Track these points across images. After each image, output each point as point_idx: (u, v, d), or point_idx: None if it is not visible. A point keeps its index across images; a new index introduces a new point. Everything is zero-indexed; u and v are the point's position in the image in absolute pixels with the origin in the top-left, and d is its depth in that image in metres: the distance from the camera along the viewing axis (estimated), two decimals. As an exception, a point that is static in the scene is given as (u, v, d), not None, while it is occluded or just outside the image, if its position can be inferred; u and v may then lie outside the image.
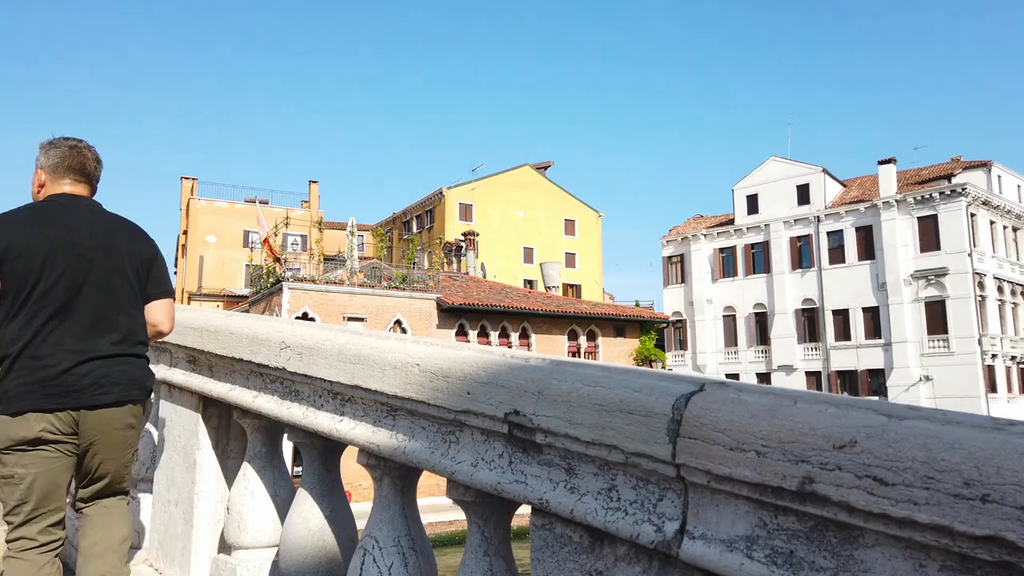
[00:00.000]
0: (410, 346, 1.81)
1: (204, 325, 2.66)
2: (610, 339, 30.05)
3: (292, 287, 24.65)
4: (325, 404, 2.09)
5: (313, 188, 49.57)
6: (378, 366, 1.85)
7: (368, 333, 2.01)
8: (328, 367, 2.02)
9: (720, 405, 1.16)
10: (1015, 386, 40.10)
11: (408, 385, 1.74)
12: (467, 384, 1.59)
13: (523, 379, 1.47)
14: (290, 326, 2.28)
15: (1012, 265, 42.57)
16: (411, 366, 1.75)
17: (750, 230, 47.27)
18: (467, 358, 1.63)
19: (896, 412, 1.01)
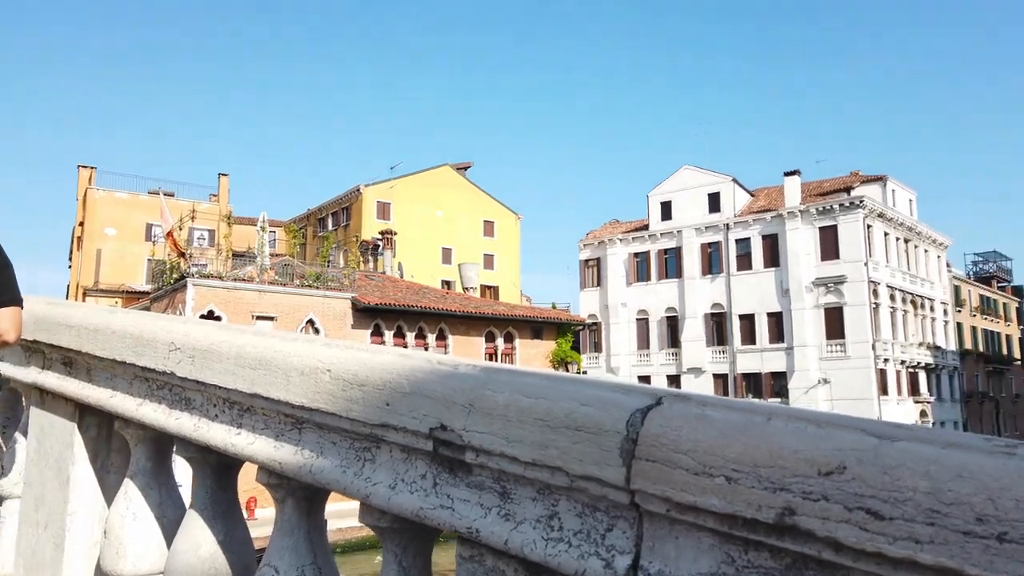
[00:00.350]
0: (320, 349, 1.59)
1: (82, 323, 2.34)
2: (527, 341, 30.12)
3: (197, 284, 23.53)
4: (220, 414, 1.84)
5: (223, 181, 47.68)
6: (282, 372, 1.62)
7: (273, 334, 1.78)
8: (224, 372, 1.77)
9: (683, 422, 1.00)
10: (904, 389, 42.64)
11: (317, 394, 1.52)
12: (386, 394, 1.39)
13: (452, 389, 1.28)
14: (182, 325, 2.01)
15: (903, 275, 45.28)
16: (321, 372, 1.53)
17: (663, 236, 48.50)
18: (386, 364, 1.43)
19: (886, 432, 0.88)
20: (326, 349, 1.59)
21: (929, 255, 49.70)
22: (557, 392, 1.16)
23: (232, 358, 1.76)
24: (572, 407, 1.12)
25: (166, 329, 2.02)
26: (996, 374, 56.19)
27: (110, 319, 2.24)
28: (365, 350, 1.53)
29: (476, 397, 1.24)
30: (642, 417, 1.04)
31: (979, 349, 54.22)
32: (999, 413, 55.11)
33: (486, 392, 1.24)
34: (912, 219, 47.81)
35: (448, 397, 1.28)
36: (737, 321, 44.74)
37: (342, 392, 1.47)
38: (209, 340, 1.86)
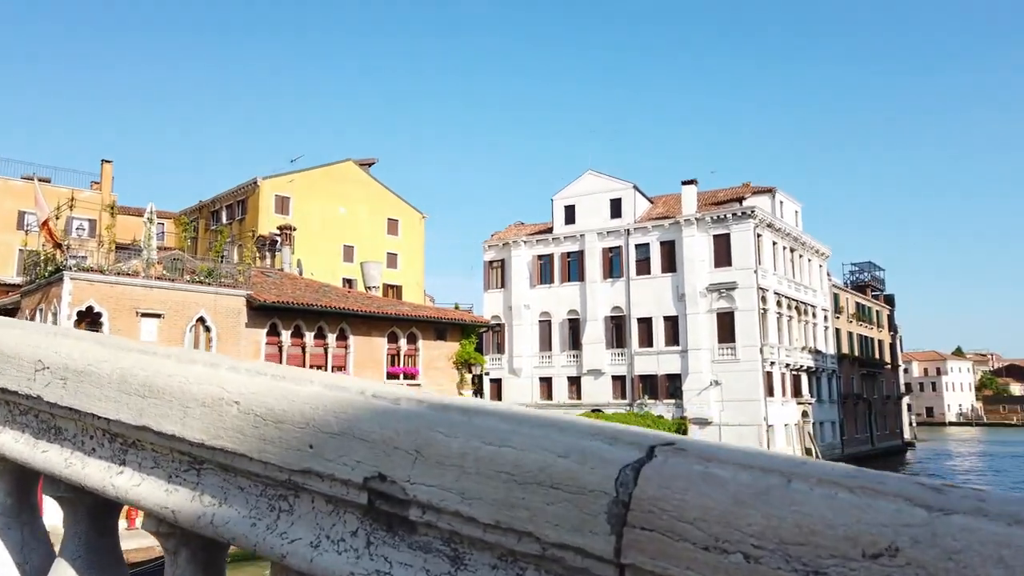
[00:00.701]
0: (226, 375, 1.34)
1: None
2: (431, 342, 29.75)
3: (75, 277, 21.86)
4: (99, 448, 1.55)
5: (106, 168, 44.70)
6: (178, 402, 1.36)
7: (167, 353, 1.50)
8: (105, 400, 1.48)
9: (686, 483, 0.84)
10: (788, 390, 44.97)
11: (222, 430, 1.28)
12: (309, 434, 1.16)
13: (393, 431, 1.08)
14: (52, 338, 1.69)
15: (789, 282, 47.77)
16: (227, 404, 1.28)
17: (567, 239, 49.17)
18: (311, 397, 1.20)
19: (936, 502, 0.74)
20: (233, 375, 1.34)
21: (812, 264, 52.67)
22: (526, 439, 0.97)
23: (115, 382, 1.48)
24: (546, 459, 0.93)
25: (32, 343, 1.70)
26: (869, 376, 60.24)
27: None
28: (283, 377, 1.30)
29: (424, 442, 1.04)
30: (634, 475, 0.87)
31: (855, 353, 57.96)
32: (871, 413, 59.10)
33: (436, 436, 1.04)
34: (798, 230, 50.54)
35: (389, 441, 1.07)
36: (636, 324, 45.90)
37: (254, 429, 1.23)
38: (86, 359, 1.57)
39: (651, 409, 42.92)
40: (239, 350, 24.76)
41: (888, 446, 61.24)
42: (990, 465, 55.94)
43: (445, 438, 1.03)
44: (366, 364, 27.91)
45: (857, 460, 51.81)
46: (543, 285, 49.60)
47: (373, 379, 23.17)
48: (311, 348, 26.72)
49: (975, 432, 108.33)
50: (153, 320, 23.07)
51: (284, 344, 26.15)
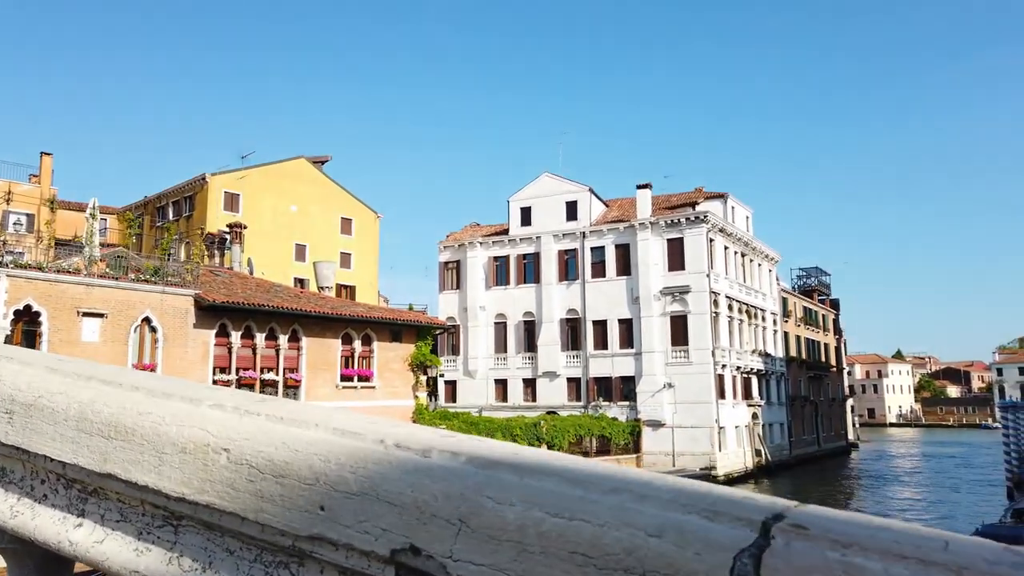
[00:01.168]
0: (211, 413, 1.13)
1: None
2: (386, 344, 29.31)
3: (12, 274, 20.85)
4: (52, 495, 1.32)
5: (45, 161, 42.93)
6: (152, 446, 1.14)
7: (137, 384, 1.28)
8: (60, 439, 1.26)
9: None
10: (739, 393, 45.71)
11: (208, 483, 1.07)
12: (320, 492, 0.97)
13: (429, 493, 0.89)
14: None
15: (740, 286, 48.58)
16: (214, 452, 1.08)
17: (523, 241, 49.12)
18: (319, 445, 1.01)
19: None
20: (219, 414, 1.13)
21: (762, 269, 53.69)
22: (604, 510, 0.80)
23: (72, 419, 1.25)
24: (633, 539, 0.76)
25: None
26: (816, 379, 61.71)
27: None
28: (280, 418, 1.10)
29: (470, 510, 0.86)
30: (754, 564, 0.70)
31: (802, 356, 59.31)
32: (818, 414, 60.56)
33: (485, 502, 0.85)
34: (748, 235, 51.44)
35: (423, 506, 0.89)
36: (591, 327, 46.09)
37: (248, 484, 1.03)
38: (36, 389, 1.33)
39: (606, 411, 43.14)
40: (187, 352, 23.98)
41: (834, 447, 62.83)
42: (930, 466, 57.83)
43: (497, 505, 0.84)
44: (319, 366, 27.34)
45: (805, 461, 53.03)
46: (499, 287, 49.45)
47: (327, 382, 22.61)
48: (262, 350, 26.05)
49: (914, 433, 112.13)
50: (95, 320, 22.16)
51: (234, 346, 25.43)
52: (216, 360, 25.04)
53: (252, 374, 25.50)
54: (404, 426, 1.07)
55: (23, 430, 1.31)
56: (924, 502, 38.15)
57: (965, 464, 57.69)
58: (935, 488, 43.95)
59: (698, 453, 41.23)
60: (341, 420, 1.09)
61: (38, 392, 1.32)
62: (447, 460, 0.94)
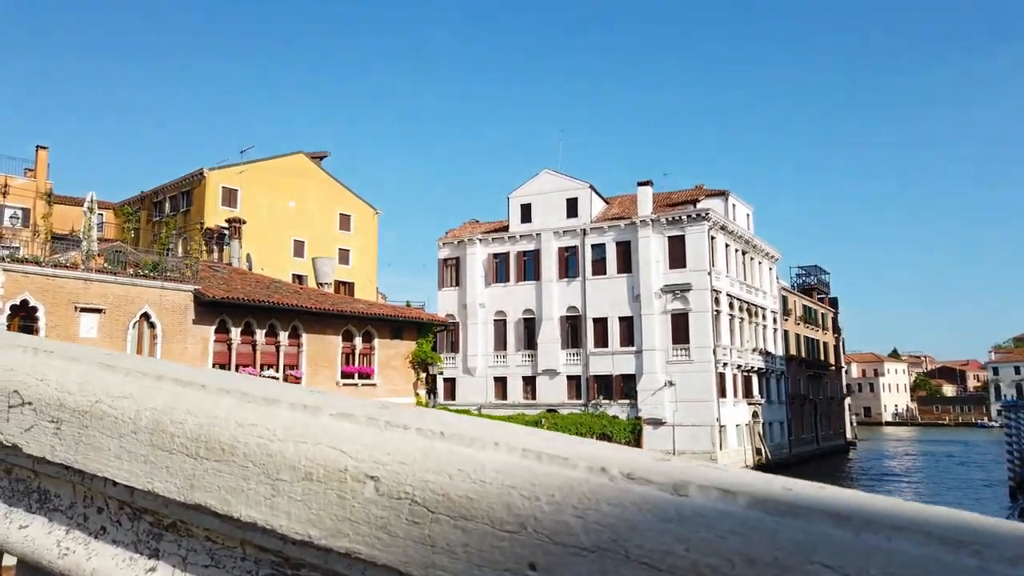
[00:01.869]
0: (341, 427, 0.85)
1: None
2: (386, 341, 29.00)
3: (9, 268, 20.49)
4: (112, 528, 1.03)
5: (41, 155, 42.51)
6: (262, 471, 0.86)
7: (228, 387, 0.99)
8: (128, 459, 0.97)
9: None
10: (739, 391, 45.53)
11: (347, 524, 0.78)
12: (530, 545, 0.68)
13: (720, 555, 0.60)
14: (35, 358, 1.16)
15: (741, 284, 48.40)
16: (355, 479, 0.79)
17: (523, 238, 48.84)
18: (515, 474, 0.72)
19: None
20: (355, 428, 0.84)
21: (762, 267, 53.51)
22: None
23: (145, 431, 0.97)
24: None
25: (6, 362, 1.16)
26: (815, 378, 61.59)
27: None
28: (439, 433, 0.81)
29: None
30: None
31: (802, 355, 59.17)
32: (817, 413, 60.46)
33: (823, 574, 0.60)
34: (749, 233, 51.25)
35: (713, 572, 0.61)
36: (591, 324, 45.84)
37: (411, 528, 0.74)
38: (92, 391, 1.05)
39: (606, 409, 42.92)
40: (186, 348, 23.65)
41: (833, 445, 62.75)
42: (928, 465, 57.76)
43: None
44: (320, 363, 27.03)
45: (804, 460, 52.94)
46: (498, 284, 49.17)
47: (327, 379, 22.32)
48: (262, 346, 25.73)
49: (911, 432, 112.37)
50: (93, 315, 21.81)
51: (234, 342, 25.10)
52: (215, 357, 24.71)
53: (252, 371, 25.17)
54: (608, 448, 0.78)
55: (76, 445, 1.02)
56: (925, 502, 38.00)
57: (963, 463, 57.68)
58: (935, 487, 43.86)
59: (699, 452, 41.00)
60: (523, 438, 0.80)
61: (95, 395, 1.03)
62: (721, 502, 0.65)
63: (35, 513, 1.11)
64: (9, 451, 1.11)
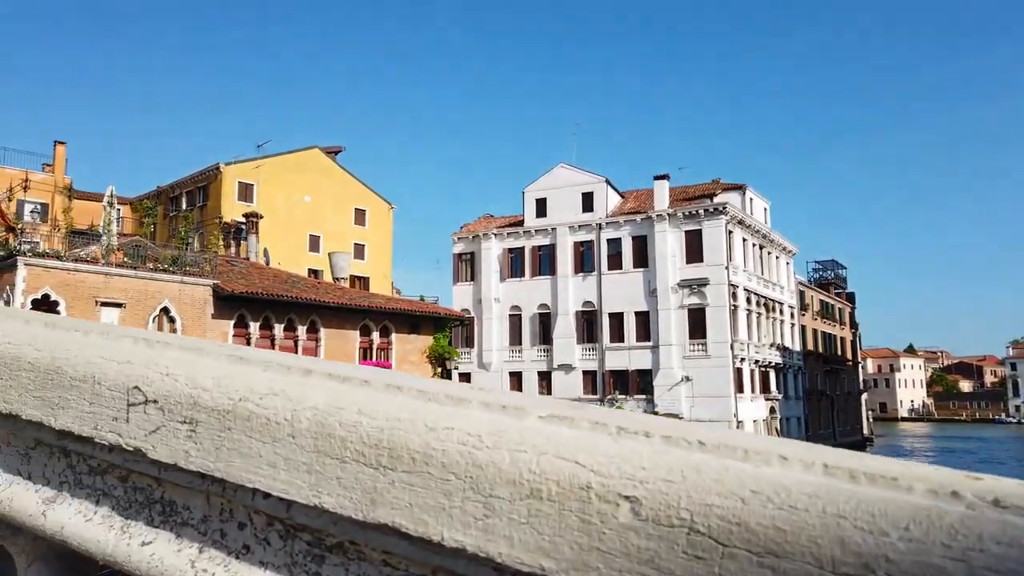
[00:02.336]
0: (561, 432, 0.70)
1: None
2: (404, 336, 28.93)
3: (30, 263, 20.55)
4: (260, 548, 0.88)
5: (59, 150, 42.72)
6: (470, 485, 0.71)
7: (396, 383, 0.84)
8: (285, 467, 0.82)
9: None
10: (757, 387, 45.18)
11: (596, 555, 0.63)
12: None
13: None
14: (152, 350, 1.02)
15: (758, 279, 47.98)
16: (602, 501, 0.64)
17: (538, 232, 48.61)
18: (836, 498, 0.59)
19: None
20: (578, 435, 0.70)
21: (780, 261, 53.03)
22: None
23: (307, 435, 0.82)
24: None
25: (121, 354, 1.02)
26: (832, 373, 61.06)
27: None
28: (702, 446, 0.65)
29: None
30: None
31: (819, 350, 58.66)
32: (834, 409, 59.96)
33: None
34: (767, 227, 50.79)
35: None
36: (607, 319, 45.59)
37: (694, 563, 0.62)
38: (232, 388, 0.90)
39: (622, 404, 42.67)
40: (205, 342, 23.67)
41: (850, 441, 62.22)
42: (947, 461, 57.12)
43: None
44: (337, 358, 26.98)
45: (821, 456, 52.58)
46: (513, 279, 48.99)
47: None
48: (280, 341, 25.72)
49: (927, 428, 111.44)
50: (113, 310, 21.85)
51: (252, 336, 25.09)
52: (234, 351, 24.71)
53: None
54: (911, 465, 0.62)
55: (216, 450, 0.88)
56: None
57: (983, 460, 57.06)
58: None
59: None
60: (799, 450, 0.64)
61: (237, 392, 0.89)
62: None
63: (158, 527, 0.97)
64: (129, 456, 0.97)
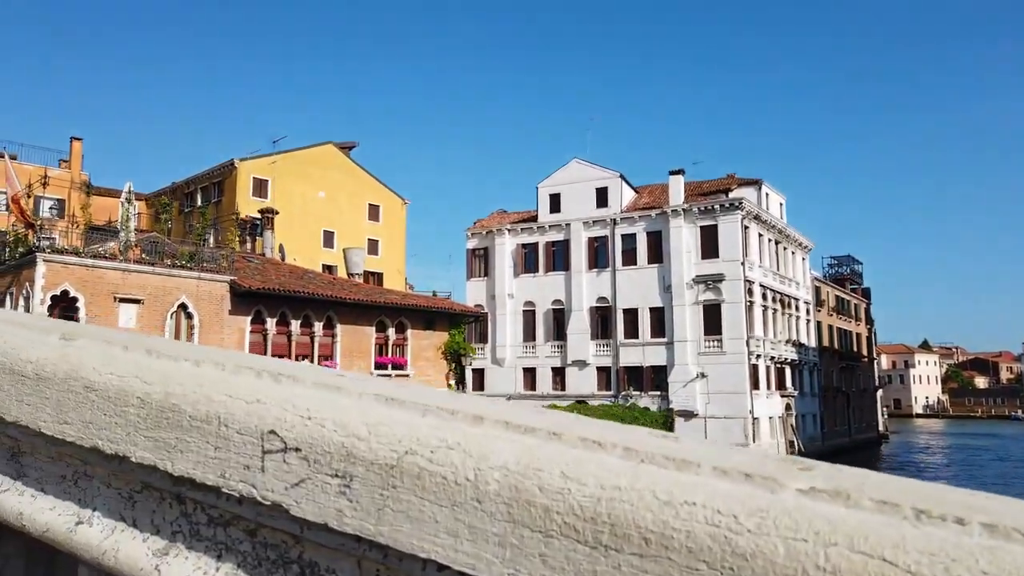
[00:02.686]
0: (868, 522, 0.58)
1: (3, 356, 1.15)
2: (419, 332, 28.87)
3: (49, 260, 20.60)
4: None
5: (75, 146, 42.95)
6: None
7: (587, 434, 0.71)
8: (468, 536, 0.70)
9: None
10: (772, 383, 44.88)
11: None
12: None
13: None
14: (279, 386, 0.90)
15: (774, 275, 47.62)
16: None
17: (552, 228, 48.43)
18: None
19: None
20: (892, 524, 0.60)
21: (795, 257, 52.61)
22: None
23: (495, 499, 0.70)
24: None
25: (247, 391, 0.90)
26: (847, 369, 60.61)
27: (78, 355, 1.07)
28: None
29: None
30: None
31: (835, 346, 58.22)
32: (849, 405, 59.52)
33: None
34: (782, 222, 50.37)
35: None
36: (621, 315, 45.39)
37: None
38: (398, 437, 0.78)
39: (636, 401, 42.52)
40: (223, 339, 23.68)
41: (865, 438, 61.81)
42: (964, 459, 56.61)
43: None
44: (354, 354, 26.98)
45: (837, 452, 52.21)
46: (527, 274, 48.85)
47: (361, 370, 22.35)
48: (297, 337, 25.72)
49: (942, 424, 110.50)
50: (132, 306, 21.89)
51: (269, 332, 25.11)
52: (251, 347, 24.73)
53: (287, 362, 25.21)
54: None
55: (378, 512, 0.76)
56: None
57: (1001, 458, 56.49)
58: (976, 483, 42.92)
59: (731, 444, 40.46)
60: None
61: (401, 443, 0.77)
62: None
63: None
64: (264, 510, 0.85)
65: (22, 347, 1.14)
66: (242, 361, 0.99)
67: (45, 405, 1.06)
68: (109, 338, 1.12)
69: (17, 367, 1.11)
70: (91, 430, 1.00)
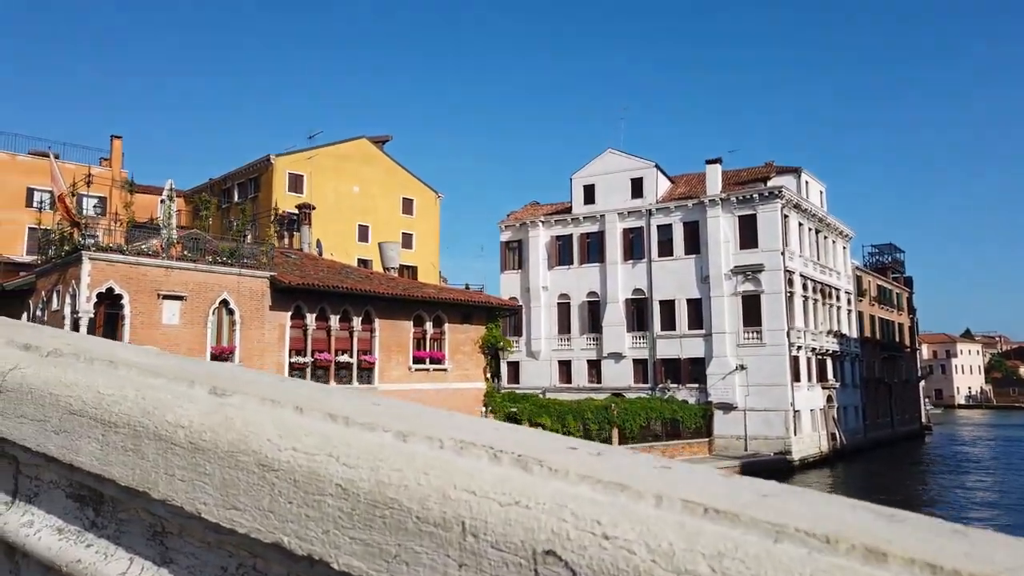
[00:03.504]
0: None
1: (108, 402, 0.95)
2: (456, 325, 28.77)
3: (94, 257, 20.87)
4: None
5: (116, 144, 43.63)
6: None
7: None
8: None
9: None
10: (814, 375, 44.04)
11: None
12: None
13: None
14: (531, 478, 0.68)
15: (814, 265, 46.67)
16: None
17: (586, 219, 48.02)
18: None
19: None
20: None
21: (836, 246, 51.50)
22: None
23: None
24: None
25: (495, 486, 0.68)
26: (889, 360, 59.29)
27: (243, 420, 0.86)
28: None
29: None
30: None
31: (876, 337, 56.97)
32: (892, 397, 58.25)
33: None
34: (823, 211, 49.32)
35: None
36: (657, 307, 44.87)
37: None
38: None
39: (674, 394, 42.02)
40: (263, 334, 23.83)
41: (908, 430, 60.49)
42: (1013, 452, 55.02)
43: None
44: (392, 348, 26.98)
45: (879, 445, 51.17)
46: (562, 266, 48.53)
47: (400, 364, 22.22)
48: (336, 332, 25.78)
49: (986, 415, 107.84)
50: (175, 303, 22.10)
51: (309, 328, 25.20)
52: (291, 342, 24.87)
53: (327, 356, 25.30)
54: None
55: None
56: (1015, 495, 35.98)
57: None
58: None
59: (772, 437, 39.88)
60: None
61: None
62: None
63: None
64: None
65: (167, 406, 0.93)
66: (474, 429, 0.77)
67: (205, 484, 0.86)
68: (272, 394, 0.91)
69: (165, 432, 0.91)
70: (271, 521, 0.79)
